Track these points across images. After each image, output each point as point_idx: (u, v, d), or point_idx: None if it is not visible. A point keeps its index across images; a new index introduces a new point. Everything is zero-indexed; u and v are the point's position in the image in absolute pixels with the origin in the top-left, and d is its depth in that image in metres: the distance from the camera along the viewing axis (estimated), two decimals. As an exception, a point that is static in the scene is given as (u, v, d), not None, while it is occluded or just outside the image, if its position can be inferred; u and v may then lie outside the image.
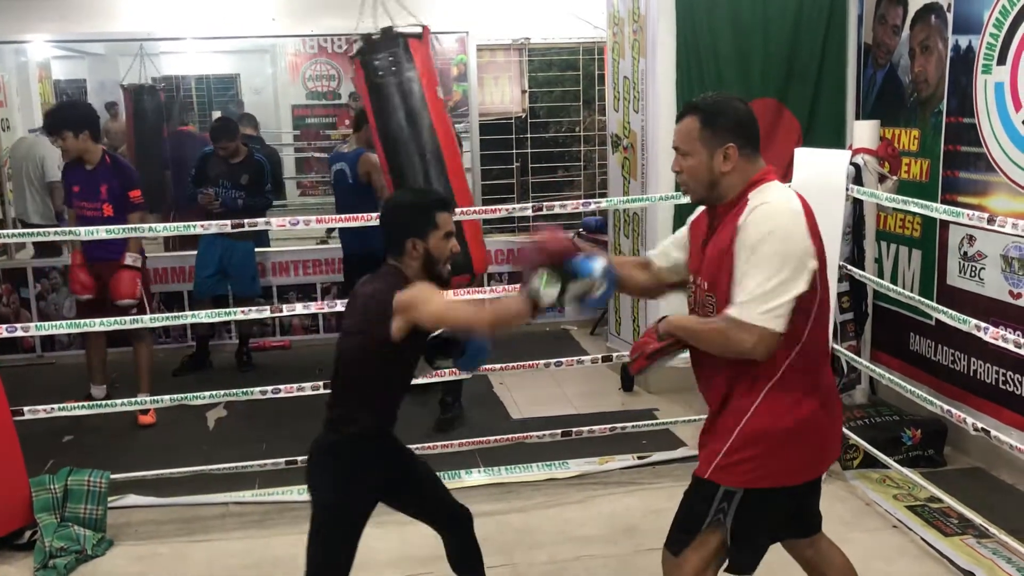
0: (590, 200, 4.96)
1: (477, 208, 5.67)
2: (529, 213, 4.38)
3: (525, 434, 4.45)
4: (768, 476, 2.41)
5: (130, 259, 5.21)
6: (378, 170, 5.91)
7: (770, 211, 2.33)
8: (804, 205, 2.39)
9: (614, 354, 5.07)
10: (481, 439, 4.43)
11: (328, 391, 2.84)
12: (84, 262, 5.26)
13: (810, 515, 2.71)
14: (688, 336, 2.48)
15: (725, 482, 2.42)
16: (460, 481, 4.31)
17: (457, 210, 4.36)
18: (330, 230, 7.71)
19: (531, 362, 4.39)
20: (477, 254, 4.96)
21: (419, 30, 4.89)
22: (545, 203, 4.64)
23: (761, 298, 2.27)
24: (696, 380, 2.61)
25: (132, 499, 4.19)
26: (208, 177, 6.03)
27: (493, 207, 5.18)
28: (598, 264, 2.50)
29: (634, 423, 4.60)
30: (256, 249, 6.43)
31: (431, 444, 4.35)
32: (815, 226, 2.37)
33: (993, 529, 3.51)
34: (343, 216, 4.44)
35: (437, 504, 2.94)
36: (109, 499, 3.99)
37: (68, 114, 5.31)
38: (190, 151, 7.54)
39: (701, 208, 2.59)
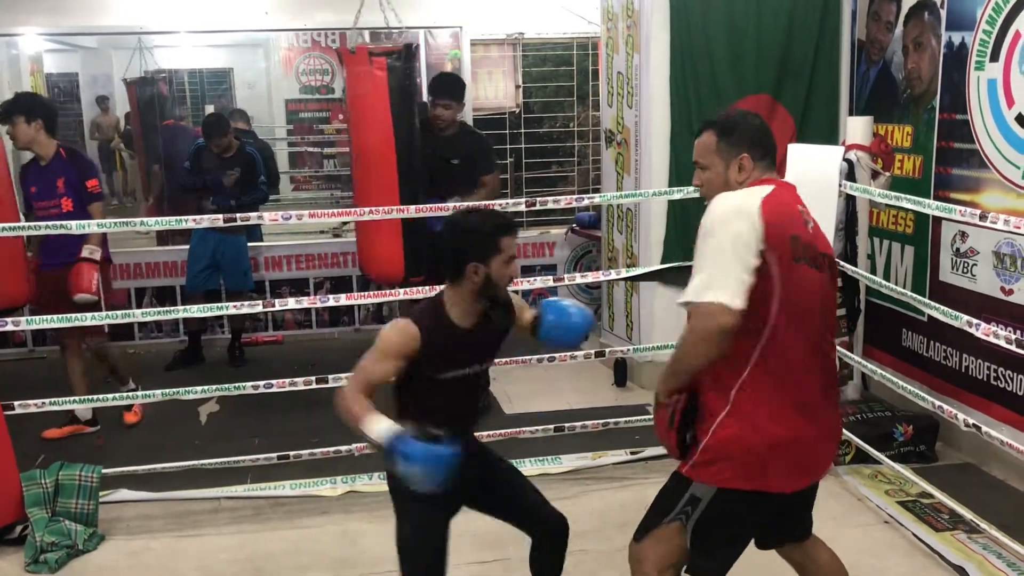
0: (583, 195, 4.97)
1: (472, 203, 5.67)
2: (523, 208, 4.37)
3: (518, 429, 4.45)
4: (735, 481, 2.40)
5: (87, 251, 4.80)
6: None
7: (715, 204, 2.40)
8: (769, 204, 2.36)
9: (607, 349, 5.08)
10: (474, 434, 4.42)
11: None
12: (36, 269, 4.93)
13: (796, 524, 2.70)
14: (676, 370, 2.46)
15: (696, 479, 2.44)
16: (453, 476, 4.31)
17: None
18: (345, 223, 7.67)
19: (524, 357, 4.38)
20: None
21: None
22: (539, 198, 4.64)
23: (705, 276, 2.31)
24: None
25: (124, 494, 4.18)
26: (202, 170, 6.06)
27: (486, 202, 5.18)
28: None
29: (627, 418, 4.59)
30: (249, 244, 6.43)
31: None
32: (777, 225, 2.35)
33: (984, 524, 3.52)
34: (337, 211, 4.42)
35: (520, 508, 2.91)
36: (100, 494, 3.98)
37: (23, 99, 5.02)
38: (181, 145, 7.53)
39: None
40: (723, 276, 2.29)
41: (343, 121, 9.69)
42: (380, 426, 2.40)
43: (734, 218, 2.34)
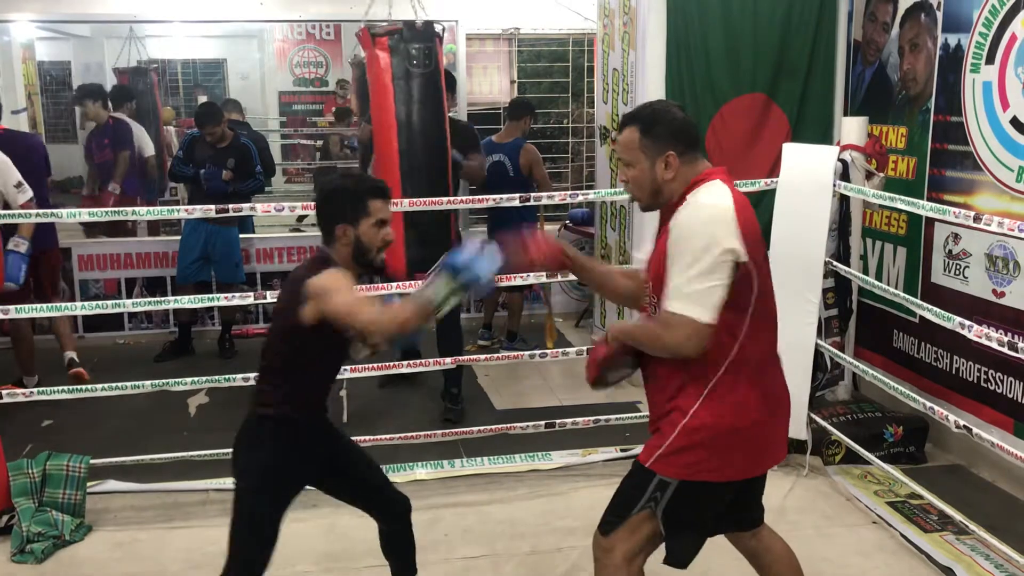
0: (577, 192, 4.95)
1: (463, 198, 5.65)
2: (516, 204, 4.36)
3: (508, 425, 4.45)
4: (704, 471, 2.44)
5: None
6: (540, 162, 6.09)
7: (691, 211, 2.39)
8: (738, 204, 2.39)
9: (599, 346, 5.07)
10: (465, 430, 4.43)
11: None
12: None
13: (751, 509, 2.74)
14: (629, 339, 2.51)
15: (662, 472, 2.46)
16: (443, 471, 4.30)
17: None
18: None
19: (515, 353, 4.38)
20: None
21: (444, 27, 4.88)
22: (532, 194, 4.63)
23: (684, 292, 2.31)
24: (643, 379, 2.61)
25: (112, 484, 4.15)
26: (195, 160, 6.01)
27: (480, 197, 5.17)
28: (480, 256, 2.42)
29: (617, 416, 4.59)
30: (241, 236, 6.41)
31: (413, 434, 4.34)
32: (748, 224, 2.38)
33: (972, 526, 3.52)
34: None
35: (371, 492, 2.90)
36: (88, 484, 3.96)
37: None
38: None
39: None
40: (706, 292, 2.30)
41: (348, 107, 9.66)
42: (426, 283, 2.40)
43: (715, 227, 2.34)
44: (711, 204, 2.39)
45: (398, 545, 2.97)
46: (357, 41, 4.91)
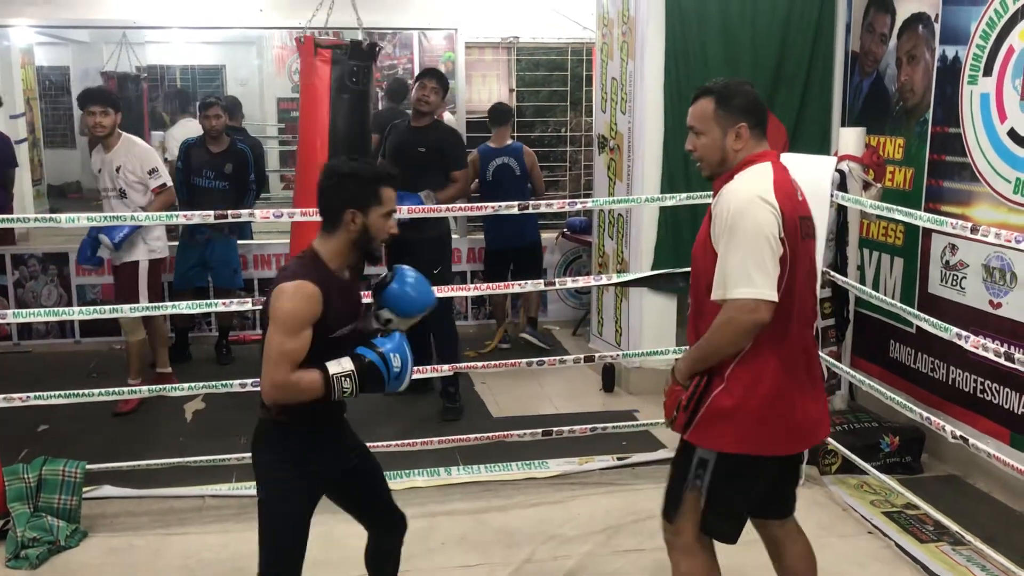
0: (575, 200, 4.95)
1: (463, 206, 5.66)
2: (515, 212, 4.36)
3: (505, 433, 4.44)
4: (738, 443, 2.53)
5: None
6: (537, 165, 6.42)
7: (731, 195, 2.48)
8: (777, 185, 2.49)
9: (596, 354, 5.08)
10: (462, 437, 4.42)
11: None
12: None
13: (785, 497, 2.82)
14: (705, 356, 2.55)
15: (698, 442, 2.56)
16: (440, 479, 4.29)
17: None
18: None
19: (512, 361, 4.38)
20: None
21: (379, 47, 4.93)
22: (530, 202, 4.64)
23: (742, 271, 2.40)
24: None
25: (107, 490, 4.14)
26: (191, 168, 5.99)
27: (478, 204, 5.17)
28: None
29: (614, 424, 4.60)
30: (240, 242, 6.40)
31: (410, 442, 4.33)
32: (787, 205, 2.48)
33: (968, 536, 3.53)
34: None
35: (374, 503, 2.85)
36: (84, 490, 3.95)
37: None
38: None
39: None
40: (757, 269, 2.40)
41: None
42: (340, 364, 2.41)
43: (756, 209, 2.43)
44: (749, 187, 2.49)
45: (386, 562, 2.93)
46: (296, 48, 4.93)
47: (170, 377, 5.40)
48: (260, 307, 2.79)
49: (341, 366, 2.43)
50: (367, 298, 2.77)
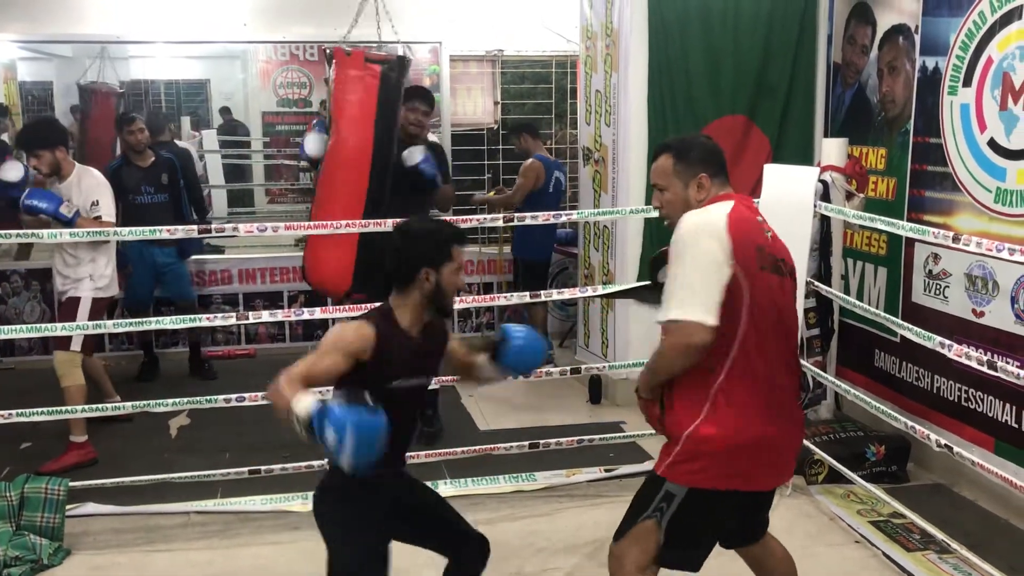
0: (561, 212, 4.96)
1: (449, 218, 5.66)
2: (500, 224, 4.37)
3: (492, 446, 4.43)
4: (710, 479, 2.51)
5: None
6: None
7: (682, 224, 2.54)
8: (733, 217, 2.51)
9: (582, 366, 5.07)
10: (448, 450, 4.41)
11: None
12: None
13: (755, 527, 2.81)
14: (653, 382, 2.61)
15: (670, 478, 2.54)
16: (426, 492, 4.28)
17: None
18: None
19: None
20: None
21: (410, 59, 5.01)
22: (516, 215, 4.64)
23: (676, 298, 2.45)
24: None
25: (91, 507, 4.10)
26: (128, 188, 5.80)
27: (464, 217, 5.16)
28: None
29: (601, 436, 4.60)
30: (195, 256, 6.47)
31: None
32: (741, 235, 2.49)
33: (954, 544, 3.54)
34: (313, 224, 4.38)
35: (445, 537, 2.83)
36: (67, 507, 3.91)
37: None
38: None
39: None
40: (698, 294, 2.43)
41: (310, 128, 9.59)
42: (308, 400, 2.31)
43: (704, 237, 2.47)
44: (700, 217, 2.53)
45: None
46: (328, 57, 4.87)
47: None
48: (244, 322, 2.79)
49: (303, 405, 2.32)
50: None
